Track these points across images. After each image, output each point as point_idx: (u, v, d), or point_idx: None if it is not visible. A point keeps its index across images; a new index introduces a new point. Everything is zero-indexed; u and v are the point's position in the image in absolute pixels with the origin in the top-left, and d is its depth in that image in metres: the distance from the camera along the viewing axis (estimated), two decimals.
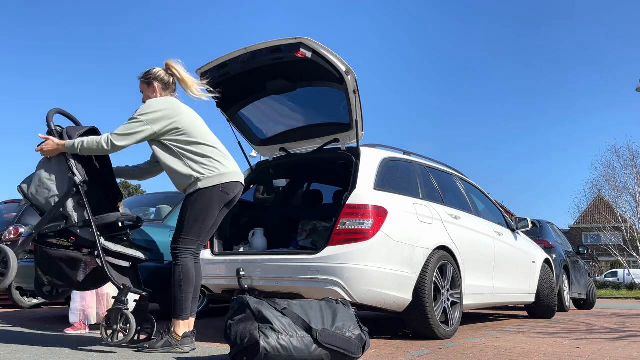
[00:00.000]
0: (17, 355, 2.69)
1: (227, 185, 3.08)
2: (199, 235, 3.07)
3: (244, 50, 3.74)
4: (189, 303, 3.01)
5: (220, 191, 3.05)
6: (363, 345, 2.65)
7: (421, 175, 4.38)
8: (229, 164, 3.14)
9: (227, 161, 3.14)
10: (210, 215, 3.06)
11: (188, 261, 3.03)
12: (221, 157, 3.12)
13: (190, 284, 3.01)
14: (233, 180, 3.11)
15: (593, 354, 3.27)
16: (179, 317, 2.97)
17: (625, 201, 30.52)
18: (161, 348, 2.88)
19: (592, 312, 8.59)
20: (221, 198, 3.08)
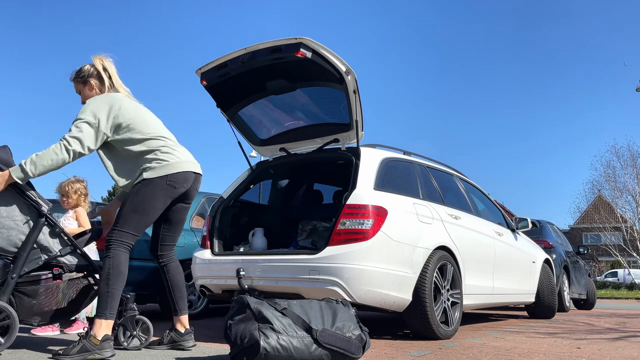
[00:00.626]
0: (17, 355, 2.69)
1: (174, 176, 2.86)
2: (137, 230, 2.82)
3: (244, 50, 3.74)
4: (116, 302, 2.72)
5: (167, 183, 2.84)
6: (363, 345, 2.65)
7: (421, 175, 4.38)
8: (179, 154, 2.93)
9: (177, 151, 2.93)
10: (152, 208, 2.82)
11: (120, 254, 2.76)
12: (170, 148, 2.91)
13: (120, 279, 2.73)
14: (182, 170, 2.89)
15: (593, 354, 3.27)
16: (101, 316, 2.66)
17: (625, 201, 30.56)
18: (76, 355, 2.56)
19: (592, 312, 8.59)
20: (167, 190, 2.85)
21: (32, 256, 2.77)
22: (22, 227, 2.76)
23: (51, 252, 2.83)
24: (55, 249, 2.84)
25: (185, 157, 2.97)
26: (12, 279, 2.68)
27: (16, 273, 2.70)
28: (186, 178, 2.92)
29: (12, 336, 2.59)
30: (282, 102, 4.22)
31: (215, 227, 4.14)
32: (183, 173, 2.90)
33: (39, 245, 2.80)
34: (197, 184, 3.03)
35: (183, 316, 3.08)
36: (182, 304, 3.08)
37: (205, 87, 4.04)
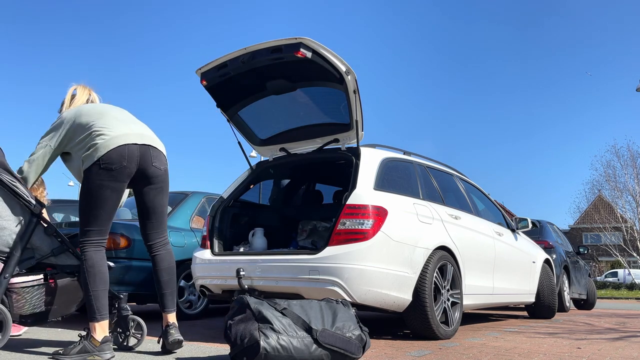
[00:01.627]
0: (17, 355, 2.69)
1: (107, 156, 2.60)
2: (98, 224, 2.67)
3: (244, 50, 3.74)
4: (101, 302, 2.62)
5: (102, 168, 2.60)
6: (363, 345, 2.65)
7: (421, 175, 4.38)
8: (114, 129, 2.66)
9: (112, 128, 2.67)
10: (100, 197, 2.62)
11: (93, 254, 2.66)
12: (103, 128, 2.66)
13: (99, 279, 2.63)
14: (115, 145, 2.61)
15: (593, 354, 3.27)
16: (93, 320, 2.61)
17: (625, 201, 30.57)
18: (76, 355, 2.55)
19: (592, 312, 8.59)
20: (107, 175, 2.60)
21: (24, 256, 2.76)
22: (14, 227, 2.74)
23: (44, 252, 2.82)
24: (48, 248, 2.83)
25: (119, 131, 2.66)
26: (5, 279, 2.66)
27: (9, 273, 2.68)
28: (122, 154, 2.63)
29: (5, 335, 2.59)
30: (282, 102, 4.22)
31: (215, 227, 4.14)
32: (116, 150, 2.62)
33: (32, 245, 2.79)
34: (147, 158, 2.72)
35: (168, 313, 2.88)
36: (165, 300, 2.88)
37: (205, 87, 4.04)
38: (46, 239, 2.83)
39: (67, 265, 2.88)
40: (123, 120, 2.77)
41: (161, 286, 2.92)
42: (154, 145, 2.77)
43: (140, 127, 2.80)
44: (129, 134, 2.68)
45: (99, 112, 2.76)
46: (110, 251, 4.53)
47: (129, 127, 2.71)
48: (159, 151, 2.79)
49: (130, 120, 2.80)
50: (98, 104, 2.91)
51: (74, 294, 2.91)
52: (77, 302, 2.94)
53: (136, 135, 2.69)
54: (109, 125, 2.69)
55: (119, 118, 2.77)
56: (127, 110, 2.96)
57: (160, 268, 2.91)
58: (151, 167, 2.74)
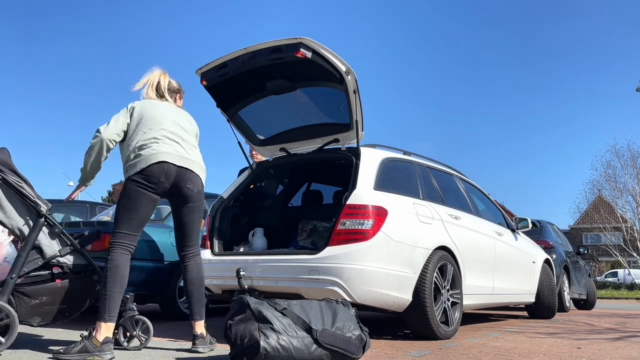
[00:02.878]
0: (17, 356, 2.69)
1: (149, 169, 2.81)
2: (130, 228, 2.84)
3: (244, 50, 3.74)
4: (114, 304, 2.72)
5: (143, 178, 2.81)
6: (363, 345, 2.65)
7: (421, 175, 4.38)
8: (161, 145, 2.87)
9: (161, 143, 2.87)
10: (136, 204, 2.82)
11: (119, 257, 2.79)
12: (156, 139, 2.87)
13: (118, 281, 2.74)
14: (156, 160, 2.81)
15: (593, 354, 3.27)
16: (100, 319, 2.68)
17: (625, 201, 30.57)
18: (76, 354, 2.57)
19: (592, 312, 8.59)
20: (145, 185, 2.81)
21: (31, 256, 2.77)
22: (21, 228, 2.76)
23: (51, 252, 2.82)
24: (54, 249, 2.84)
25: (166, 148, 2.86)
26: (12, 279, 2.68)
27: (15, 273, 2.70)
28: (161, 170, 2.82)
29: (12, 336, 2.59)
30: (282, 102, 4.22)
31: (215, 227, 4.14)
32: (158, 164, 2.82)
33: (39, 246, 2.80)
34: (182, 180, 2.89)
35: (194, 321, 3.03)
36: (194, 308, 3.03)
37: (205, 87, 4.04)
38: (53, 239, 2.84)
39: (74, 265, 2.89)
40: (173, 136, 2.96)
41: (188, 295, 3.07)
42: (191, 168, 2.95)
43: (184, 149, 2.97)
44: (172, 153, 2.88)
45: (158, 121, 2.95)
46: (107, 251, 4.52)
47: (173, 147, 2.92)
48: (195, 174, 2.96)
49: (179, 138, 2.98)
50: (163, 107, 3.05)
51: (80, 294, 2.92)
52: (83, 302, 2.95)
53: (177, 157, 2.90)
54: (160, 139, 2.90)
55: (170, 132, 2.96)
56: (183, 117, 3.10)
57: (187, 278, 3.06)
58: (184, 188, 2.93)
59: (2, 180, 2.72)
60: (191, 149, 3.01)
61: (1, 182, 2.73)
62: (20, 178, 2.77)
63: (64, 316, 2.90)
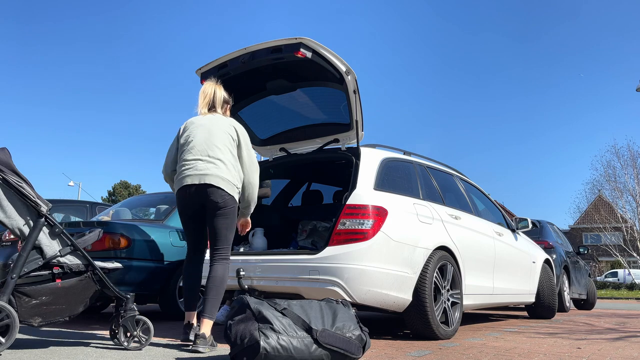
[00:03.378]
0: (17, 355, 2.69)
1: (177, 194, 3.26)
2: (189, 240, 3.37)
3: (244, 50, 3.74)
4: (188, 302, 3.27)
5: (177, 200, 3.29)
6: (363, 345, 2.65)
7: (421, 176, 4.37)
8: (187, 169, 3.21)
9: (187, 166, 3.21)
10: (182, 221, 3.35)
11: (185, 263, 3.36)
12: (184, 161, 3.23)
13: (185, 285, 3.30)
14: (180, 185, 3.22)
15: (593, 354, 3.27)
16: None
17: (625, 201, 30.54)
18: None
19: (592, 312, 8.59)
20: (179, 205, 3.30)
21: (31, 256, 2.77)
22: (21, 228, 2.76)
23: (51, 252, 2.82)
24: (55, 249, 2.84)
25: (189, 171, 3.19)
26: (12, 279, 2.68)
27: (16, 273, 2.69)
28: (185, 193, 3.20)
29: (12, 336, 2.59)
30: (282, 102, 4.22)
31: None
32: (182, 188, 3.21)
33: (39, 246, 2.80)
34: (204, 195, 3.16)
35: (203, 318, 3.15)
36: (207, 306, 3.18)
37: None
38: (53, 239, 2.84)
39: (74, 265, 2.89)
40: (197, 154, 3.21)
41: (205, 291, 3.20)
42: (212, 183, 3.15)
43: (206, 165, 3.18)
44: (193, 175, 3.16)
45: (189, 141, 3.26)
46: (110, 251, 4.53)
47: (195, 167, 3.18)
48: (216, 188, 3.16)
49: (203, 155, 3.20)
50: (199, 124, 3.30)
51: (80, 294, 2.91)
52: (84, 302, 2.94)
53: (199, 176, 3.15)
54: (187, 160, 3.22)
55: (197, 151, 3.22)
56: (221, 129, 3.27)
57: (209, 276, 3.19)
58: (208, 201, 3.17)
59: (3, 180, 2.72)
60: (215, 162, 3.20)
61: (1, 182, 2.73)
62: (21, 178, 2.77)
63: (65, 316, 2.90)
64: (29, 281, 2.78)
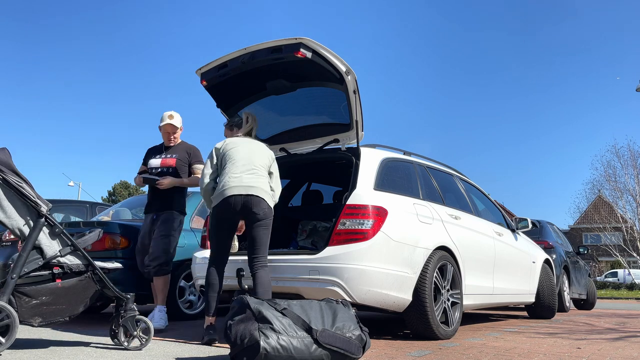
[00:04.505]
0: (17, 355, 2.69)
1: (222, 202, 3.36)
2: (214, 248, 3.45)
3: (244, 50, 3.74)
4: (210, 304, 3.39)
5: (220, 209, 3.38)
6: (363, 345, 2.65)
7: (421, 176, 4.37)
8: (232, 180, 3.36)
9: (232, 177, 3.37)
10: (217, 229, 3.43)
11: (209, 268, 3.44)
12: (229, 174, 3.40)
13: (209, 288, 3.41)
14: (227, 195, 3.34)
15: (593, 354, 3.27)
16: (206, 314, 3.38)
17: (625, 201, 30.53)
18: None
19: (592, 312, 8.59)
20: (221, 214, 3.38)
21: (32, 256, 2.77)
22: (21, 228, 2.76)
23: (51, 252, 2.82)
24: (55, 249, 2.84)
25: (235, 182, 3.36)
26: (12, 279, 2.68)
27: (16, 273, 2.69)
28: (230, 202, 3.33)
29: (12, 336, 2.59)
30: (282, 102, 4.22)
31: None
32: (227, 199, 3.34)
33: (39, 246, 2.80)
34: (248, 206, 3.33)
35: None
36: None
37: (206, 87, 4.04)
38: (53, 239, 2.84)
39: (74, 265, 2.89)
40: (242, 168, 3.43)
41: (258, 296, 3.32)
42: (256, 194, 3.37)
43: (251, 179, 3.41)
44: (239, 186, 3.36)
45: (232, 158, 3.48)
46: (110, 251, 4.53)
47: (240, 179, 3.38)
48: (260, 199, 3.38)
49: (247, 170, 3.44)
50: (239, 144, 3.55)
51: (80, 294, 2.91)
52: (84, 302, 2.94)
53: (244, 187, 3.36)
54: (234, 172, 3.41)
55: (242, 165, 3.44)
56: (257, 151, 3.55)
57: (257, 283, 3.32)
58: (251, 212, 3.36)
59: (3, 180, 2.72)
60: (258, 177, 3.44)
61: (1, 182, 2.73)
62: (21, 178, 2.77)
63: (65, 316, 2.90)
64: (29, 281, 2.77)
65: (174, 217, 4.26)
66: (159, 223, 4.23)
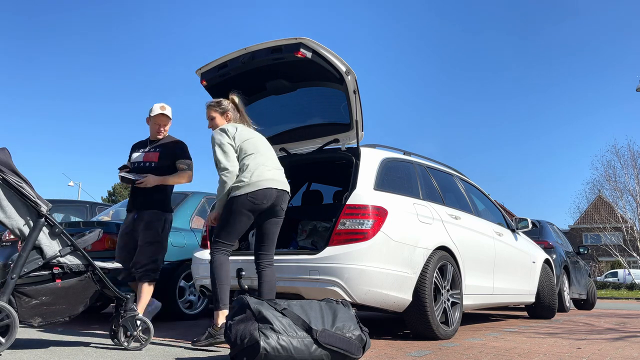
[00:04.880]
0: (17, 355, 2.69)
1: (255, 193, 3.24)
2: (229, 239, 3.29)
3: (244, 50, 3.74)
4: (225, 294, 3.18)
5: (248, 200, 3.23)
6: (363, 345, 2.65)
7: (421, 176, 4.37)
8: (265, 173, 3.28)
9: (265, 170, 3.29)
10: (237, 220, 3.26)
11: (221, 257, 3.24)
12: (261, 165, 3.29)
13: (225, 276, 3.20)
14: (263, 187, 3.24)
15: (593, 354, 3.27)
16: (217, 308, 3.15)
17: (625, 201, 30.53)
18: (205, 341, 3.10)
19: (592, 312, 8.59)
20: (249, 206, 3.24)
21: (31, 257, 2.77)
22: (21, 228, 2.76)
23: (51, 252, 2.82)
24: (55, 249, 2.84)
25: (269, 175, 3.27)
26: (12, 279, 2.68)
27: (16, 273, 2.70)
28: (266, 195, 3.23)
29: (12, 336, 2.59)
30: (282, 102, 4.22)
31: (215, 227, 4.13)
32: (263, 190, 3.22)
33: (39, 246, 2.80)
34: (279, 202, 3.28)
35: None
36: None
37: (205, 87, 4.04)
38: (53, 239, 2.84)
39: (74, 265, 2.89)
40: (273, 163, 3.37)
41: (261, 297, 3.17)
42: (286, 190, 3.34)
43: (280, 174, 3.36)
44: (273, 179, 3.28)
45: (258, 150, 3.36)
46: (110, 251, 4.53)
47: (272, 173, 3.30)
48: (288, 195, 3.36)
49: (277, 166, 3.39)
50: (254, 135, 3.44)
51: (80, 294, 2.91)
52: (84, 302, 2.94)
53: (277, 182, 3.29)
54: (265, 166, 3.30)
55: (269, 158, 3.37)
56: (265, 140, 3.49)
57: (262, 282, 3.26)
58: (277, 207, 3.30)
59: (3, 180, 2.72)
60: (282, 172, 3.39)
61: (1, 182, 2.73)
62: (21, 178, 2.77)
63: (65, 316, 2.90)
64: (29, 281, 2.78)
65: (158, 217, 3.75)
66: (142, 226, 3.73)
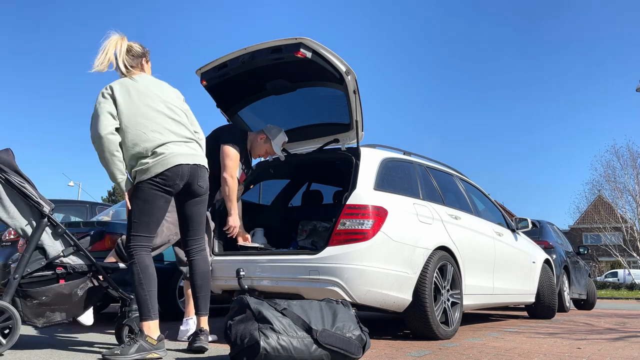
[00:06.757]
0: (17, 355, 2.69)
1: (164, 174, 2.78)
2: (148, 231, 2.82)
3: (244, 50, 3.74)
4: (154, 301, 2.75)
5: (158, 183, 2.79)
6: (363, 345, 2.65)
7: (421, 176, 4.37)
8: (171, 148, 2.82)
9: (170, 146, 2.82)
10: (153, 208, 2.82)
11: (144, 258, 2.78)
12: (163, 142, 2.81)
13: (152, 280, 2.77)
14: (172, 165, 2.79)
15: (593, 355, 3.27)
16: (146, 319, 2.71)
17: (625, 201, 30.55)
18: (135, 354, 2.57)
19: (592, 312, 8.59)
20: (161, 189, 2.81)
21: (34, 257, 2.77)
22: (24, 228, 2.77)
23: (54, 253, 2.82)
24: (58, 249, 2.84)
25: (177, 150, 2.81)
26: (15, 280, 2.68)
27: (19, 273, 2.70)
28: (177, 173, 2.77)
29: (14, 337, 2.59)
30: (282, 102, 4.22)
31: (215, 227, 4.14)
32: (173, 168, 2.76)
33: (42, 246, 2.80)
34: (195, 178, 2.86)
35: (200, 316, 3.04)
36: (198, 303, 3.02)
37: (205, 87, 4.04)
38: (56, 240, 2.84)
39: (78, 265, 2.89)
40: (177, 129, 2.85)
41: (195, 289, 3.05)
42: (203, 164, 2.91)
43: (194, 147, 2.90)
44: (184, 154, 2.81)
45: (151, 116, 2.79)
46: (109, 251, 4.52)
47: (181, 148, 2.82)
48: (205, 170, 2.94)
49: (183, 130, 2.88)
50: (146, 88, 2.86)
51: (84, 295, 2.91)
52: (87, 303, 2.94)
53: (190, 156, 2.83)
54: (167, 140, 2.79)
55: (172, 123, 2.84)
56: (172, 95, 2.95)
57: (194, 272, 3.02)
58: (195, 185, 2.89)
59: (5, 181, 2.73)
60: (193, 141, 2.93)
61: (4, 182, 2.73)
62: (23, 178, 2.77)
63: (68, 317, 2.90)
64: (33, 281, 2.78)
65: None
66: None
